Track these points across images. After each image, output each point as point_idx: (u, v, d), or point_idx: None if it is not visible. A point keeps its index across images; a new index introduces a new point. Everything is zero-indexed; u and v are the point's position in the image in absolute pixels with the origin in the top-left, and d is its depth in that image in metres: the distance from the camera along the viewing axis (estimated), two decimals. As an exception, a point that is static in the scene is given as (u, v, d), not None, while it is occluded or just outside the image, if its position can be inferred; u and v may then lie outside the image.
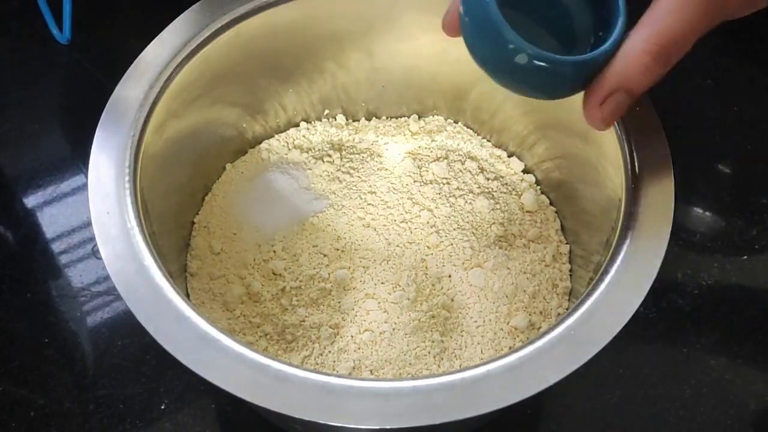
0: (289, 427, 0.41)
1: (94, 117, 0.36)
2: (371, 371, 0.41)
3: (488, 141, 0.50)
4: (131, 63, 0.38)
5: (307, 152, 0.49)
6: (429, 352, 0.41)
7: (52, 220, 0.51)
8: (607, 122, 0.27)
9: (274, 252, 0.44)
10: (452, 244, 0.45)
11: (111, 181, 0.35)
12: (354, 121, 0.51)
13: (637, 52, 0.26)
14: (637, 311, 0.31)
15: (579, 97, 0.39)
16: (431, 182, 0.47)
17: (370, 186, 0.47)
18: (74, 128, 0.56)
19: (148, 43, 0.39)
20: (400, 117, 0.51)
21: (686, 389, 0.45)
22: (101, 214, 0.34)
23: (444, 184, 0.47)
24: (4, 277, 0.48)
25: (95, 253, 0.49)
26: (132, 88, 0.37)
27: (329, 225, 0.45)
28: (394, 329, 0.42)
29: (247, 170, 0.48)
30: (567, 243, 0.46)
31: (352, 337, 0.42)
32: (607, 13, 0.29)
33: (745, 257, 0.50)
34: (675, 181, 0.35)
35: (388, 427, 0.29)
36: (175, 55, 0.39)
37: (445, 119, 0.51)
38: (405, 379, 0.34)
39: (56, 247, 0.50)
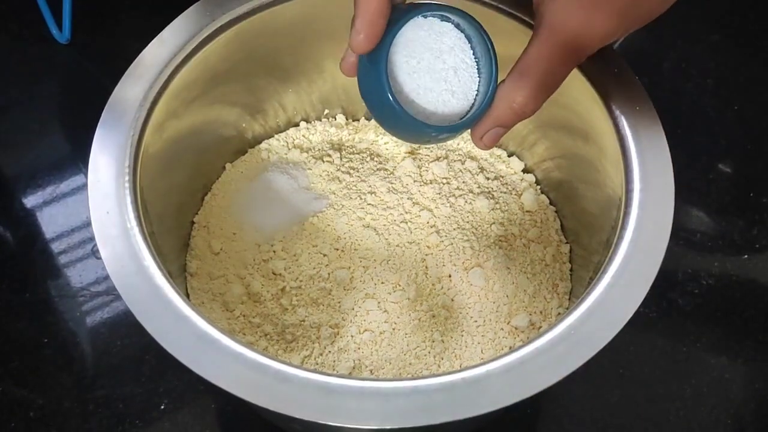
0: (289, 427, 0.41)
1: (94, 117, 0.36)
2: (371, 371, 0.41)
3: (488, 141, 0.50)
4: (131, 63, 0.38)
5: (307, 152, 0.49)
6: (429, 352, 0.41)
7: (51, 220, 0.51)
8: (488, 147, 0.33)
9: (274, 252, 0.44)
10: (452, 244, 0.45)
11: (111, 181, 0.35)
12: (354, 120, 0.51)
13: (507, 101, 0.31)
14: (637, 311, 0.31)
15: (578, 97, 0.40)
16: (431, 182, 0.47)
17: (370, 186, 0.47)
18: (74, 128, 0.56)
19: (148, 43, 0.39)
20: (400, 117, 0.51)
21: (686, 389, 0.45)
22: (101, 214, 0.34)
23: (444, 184, 0.47)
24: (4, 277, 0.48)
25: (95, 253, 0.49)
26: (132, 88, 0.37)
27: (329, 225, 0.45)
28: (394, 329, 0.42)
29: (246, 170, 0.48)
30: (567, 243, 0.46)
31: (352, 336, 0.42)
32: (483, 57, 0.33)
33: (745, 257, 0.50)
34: (675, 181, 0.35)
35: (388, 427, 0.29)
36: (175, 55, 0.39)
37: (445, 119, 0.51)
38: (405, 379, 0.34)
39: (56, 247, 0.50)
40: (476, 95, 0.33)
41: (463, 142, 0.50)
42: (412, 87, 0.32)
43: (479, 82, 0.32)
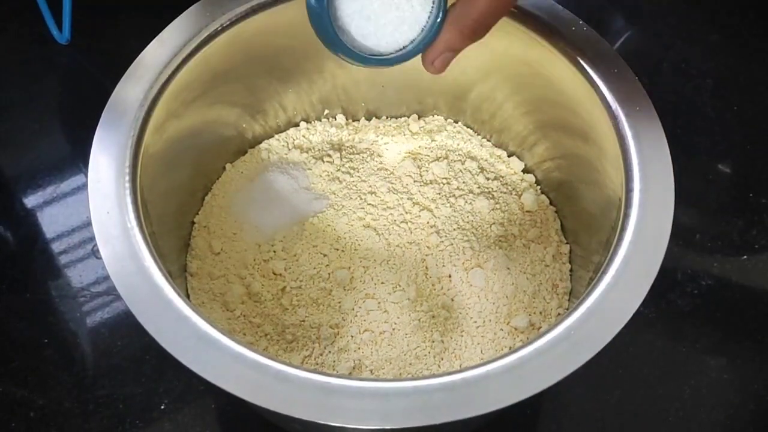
0: (290, 427, 0.41)
1: (94, 117, 0.36)
2: (371, 371, 0.41)
3: (488, 141, 0.50)
4: (131, 63, 0.38)
5: (307, 152, 0.49)
6: (429, 352, 0.41)
7: (52, 220, 0.51)
8: (439, 71, 0.34)
9: (274, 252, 0.44)
10: (452, 245, 0.45)
11: (111, 181, 0.35)
12: (354, 121, 0.51)
13: (458, 25, 0.32)
14: (637, 311, 0.31)
15: (578, 98, 0.40)
16: (431, 182, 0.47)
17: (370, 186, 0.47)
18: (74, 128, 0.56)
19: (148, 43, 0.39)
20: (400, 117, 0.51)
21: (686, 389, 0.45)
22: (101, 214, 0.34)
23: (444, 184, 0.47)
24: (4, 277, 0.48)
25: (95, 253, 0.49)
26: (132, 88, 0.37)
27: (329, 225, 0.45)
28: (394, 329, 0.42)
29: (247, 170, 0.48)
30: (567, 243, 0.46)
31: (352, 337, 0.42)
32: None
33: (745, 257, 0.50)
34: (675, 181, 0.35)
35: (388, 427, 0.29)
36: (175, 55, 0.39)
37: (445, 119, 0.51)
38: (405, 379, 0.35)
39: (56, 247, 0.50)
40: (427, 23, 0.33)
41: (463, 142, 0.50)
42: (363, 14, 0.32)
43: (431, 10, 0.33)
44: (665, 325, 0.47)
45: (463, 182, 0.47)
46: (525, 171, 0.49)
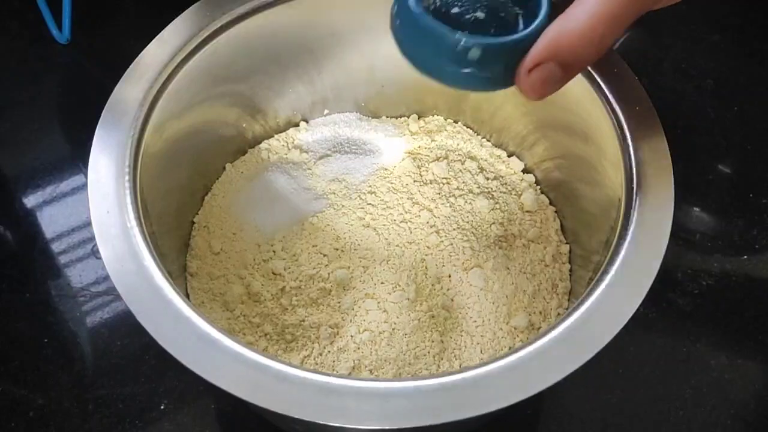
0: (289, 428, 0.41)
1: (94, 117, 0.36)
2: (371, 371, 0.41)
3: (488, 141, 0.50)
4: (131, 63, 0.38)
5: (307, 152, 0.49)
6: (429, 352, 0.41)
7: (51, 220, 0.51)
8: (535, 91, 0.26)
9: (274, 252, 0.44)
10: (452, 244, 0.45)
11: (111, 180, 0.35)
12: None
13: (570, 23, 0.25)
14: (637, 311, 0.31)
15: (578, 98, 0.40)
16: (431, 182, 0.47)
17: (370, 186, 0.47)
18: (74, 128, 0.56)
19: (148, 43, 0.39)
20: (400, 117, 0.51)
21: (686, 389, 0.45)
22: (101, 213, 0.34)
23: (444, 184, 0.47)
24: (4, 277, 0.48)
25: (95, 253, 0.49)
26: (132, 88, 0.37)
27: (329, 225, 0.45)
28: (393, 329, 0.42)
29: (247, 170, 0.48)
30: (567, 243, 0.46)
31: (351, 336, 0.42)
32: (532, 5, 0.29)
33: (745, 257, 0.50)
34: (675, 181, 0.35)
35: (388, 427, 0.29)
36: (175, 55, 0.39)
37: (445, 119, 0.51)
38: (405, 379, 0.34)
39: (56, 247, 0.50)
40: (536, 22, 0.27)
41: (463, 142, 0.50)
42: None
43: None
44: (666, 325, 0.47)
45: (463, 182, 0.47)
46: (525, 171, 0.49)
